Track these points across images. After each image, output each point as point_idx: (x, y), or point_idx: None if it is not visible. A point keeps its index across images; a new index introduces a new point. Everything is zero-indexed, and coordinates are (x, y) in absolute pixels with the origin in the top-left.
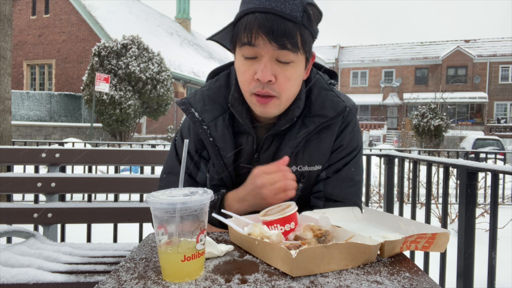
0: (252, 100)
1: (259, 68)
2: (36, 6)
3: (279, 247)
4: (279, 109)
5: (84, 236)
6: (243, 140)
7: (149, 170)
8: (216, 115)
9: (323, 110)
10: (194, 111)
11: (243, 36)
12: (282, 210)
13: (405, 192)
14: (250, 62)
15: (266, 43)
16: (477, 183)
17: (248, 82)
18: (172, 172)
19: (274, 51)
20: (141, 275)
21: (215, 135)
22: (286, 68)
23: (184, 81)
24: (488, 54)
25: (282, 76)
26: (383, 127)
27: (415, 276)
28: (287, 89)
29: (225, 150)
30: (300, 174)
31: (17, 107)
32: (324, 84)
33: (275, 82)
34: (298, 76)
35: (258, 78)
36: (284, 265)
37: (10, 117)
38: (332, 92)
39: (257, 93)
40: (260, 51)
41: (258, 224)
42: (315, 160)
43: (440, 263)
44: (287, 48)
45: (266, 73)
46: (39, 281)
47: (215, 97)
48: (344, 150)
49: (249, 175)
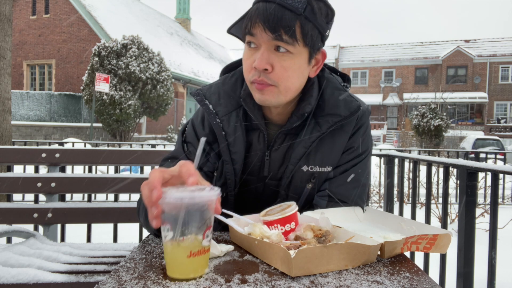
0: (252, 87)
1: (256, 56)
2: (36, 6)
3: (278, 247)
4: (278, 99)
5: (84, 236)
6: (254, 137)
7: (149, 170)
8: (230, 109)
9: (336, 109)
10: (208, 103)
11: (246, 24)
12: (283, 210)
13: (405, 192)
14: (252, 51)
15: (262, 32)
16: (477, 183)
17: (248, 71)
18: (176, 157)
19: (270, 41)
20: (141, 275)
21: (227, 130)
22: (284, 58)
23: (184, 81)
24: (488, 54)
25: (279, 65)
26: (383, 127)
27: (415, 276)
28: (284, 79)
29: (235, 146)
30: (311, 174)
31: (17, 107)
32: (337, 85)
33: (271, 71)
34: (298, 68)
35: (254, 66)
36: (283, 265)
37: (10, 117)
38: (345, 92)
39: (254, 81)
40: (257, 40)
41: (258, 224)
42: (327, 161)
43: (440, 263)
44: (282, 39)
45: (261, 61)
46: (39, 281)
47: (230, 92)
48: (354, 152)
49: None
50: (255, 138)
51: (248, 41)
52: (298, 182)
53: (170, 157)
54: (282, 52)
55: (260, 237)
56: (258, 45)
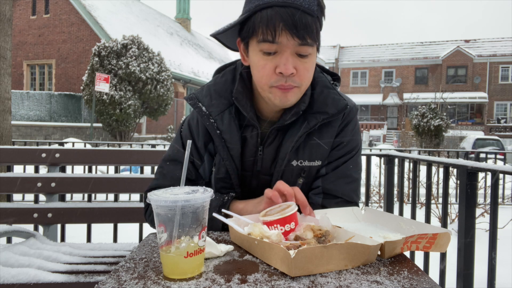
0: (273, 91)
1: (281, 62)
2: (36, 6)
3: (278, 247)
4: (297, 98)
5: (84, 236)
6: (248, 133)
7: (149, 170)
8: (222, 108)
9: (325, 107)
10: (201, 106)
11: (265, 32)
12: (282, 210)
13: (405, 192)
14: (270, 56)
15: (289, 38)
16: (477, 183)
17: (269, 76)
18: (176, 160)
19: (296, 46)
20: (141, 275)
21: (222, 128)
22: (305, 60)
23: (184, 81)
24: (488, 54)
25: (302, 68)
26: (383, 127)
27: (415, 276)
28: (306, 79)
29: (231, 142)
30: (301, 169)
31: (17, 107)
32: (327, 83)
33: (296, 74)
34: (313, 67)
35: (281, 72)
36: (283, 265)
37: (10, 117)
38: (334, 90)
39: (280, 87)
40: (282, 47)
41: (258, 224)
42: (315, 155)
43: (440, 263)
44: (308, 43)
45: (288, 66)
46: (39, 281)
47: (221, 92)
48: (344, 148)
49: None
50: (248, 134)
51: (268, 47)
52: (289, 177)
53: (170, 160)
54: (305, 55)
55: (260, 237)
56: (280, 51)
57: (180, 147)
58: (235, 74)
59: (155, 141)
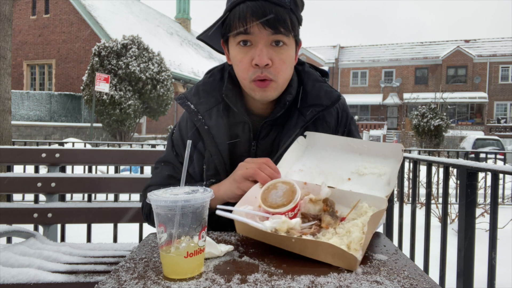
0: (252, 86)
1: (256, 53)
2: (36, 6)
3: (324, 243)
4: (277, 92)
5: (84, 236)
6: (239, 129)
7: (149, 170)
8: (210, 106)
9: (319, 100)
10: (190, 104)
11: (238, 25)
12: (286, 195)
13: (405, 192)
14: (246, 49)
15: (261, 29)
16: (477, 183)
17: (246, 69)
18: (168, 161)
19: (268, 36)
20: (141, 275)
21: (210, 124)
22: (281, 51)
23: (184, 81)
24: (488, 54)
25: (278, 59)
26: (383, 127)
27: (415, 276)
28: (282, 72)
29: (219, 137)
30: None
31: (17, 107)
32: (317, 77)
33: (271, 66)
34: (291, 59)
35: (256, 63)
36: (339, 260)
37: (10, 117)
38: (325, 83)
39: (256, 79)
40: (255, 38)
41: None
42: None
43: (440, 263)
44: (281, 32)
45: (263, 57)
46: (39, 281)
47: (210, 90)
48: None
49: None
50: (239, 130)
51: (243, 40)
52: None
53: (163, 161)
54: (280, 46)
55: (286, 232)
56: (254, 43)
57: (170, 151)
58: (223, 74)
59: (155, 141)
